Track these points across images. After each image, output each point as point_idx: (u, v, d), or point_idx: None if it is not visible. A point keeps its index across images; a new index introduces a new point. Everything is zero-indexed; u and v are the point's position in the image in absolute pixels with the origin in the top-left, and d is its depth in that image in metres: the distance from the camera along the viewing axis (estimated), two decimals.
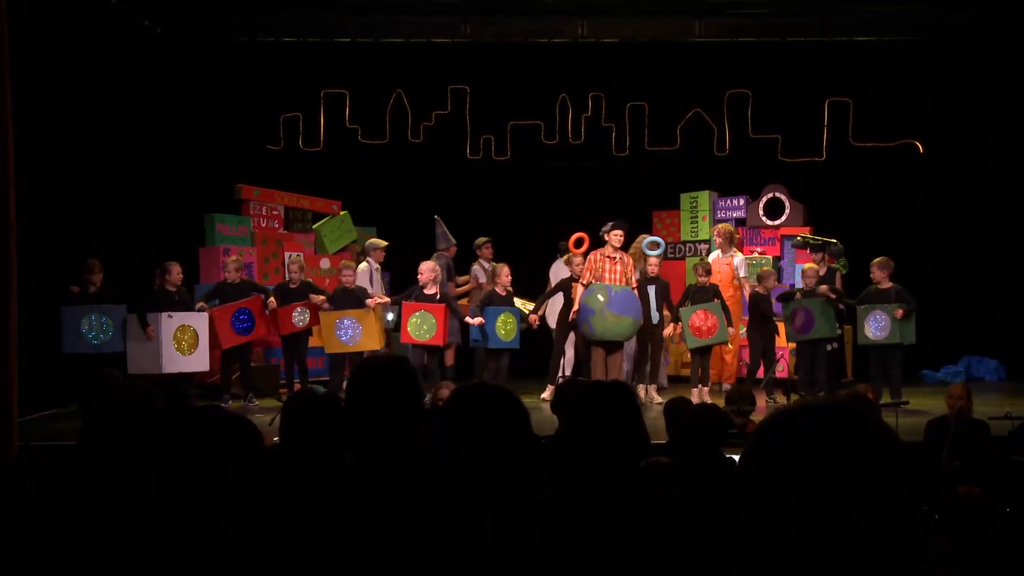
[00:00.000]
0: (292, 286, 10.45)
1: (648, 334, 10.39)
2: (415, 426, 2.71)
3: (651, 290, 10.42)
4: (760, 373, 10.35)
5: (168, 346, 9.68)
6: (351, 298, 10.21)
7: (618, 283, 9.80)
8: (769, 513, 1.32)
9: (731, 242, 11.59)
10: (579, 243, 11.12)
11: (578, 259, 10.44)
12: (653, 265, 10.49)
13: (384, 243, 11.31)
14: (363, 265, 11.23)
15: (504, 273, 10.30)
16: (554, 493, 2.37)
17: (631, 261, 10.08)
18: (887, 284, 9.93)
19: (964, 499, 5.55)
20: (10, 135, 5.73)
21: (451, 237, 11.46)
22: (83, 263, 9.92)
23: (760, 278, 10.66)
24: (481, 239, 11.54)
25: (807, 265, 10.69)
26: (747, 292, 10.94)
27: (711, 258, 11.45)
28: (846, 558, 1.28)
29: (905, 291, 9.89)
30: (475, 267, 11.56)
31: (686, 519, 2.18)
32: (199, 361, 9.96)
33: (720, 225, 11.61)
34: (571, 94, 12.70)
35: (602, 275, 9.83)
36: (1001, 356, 12.25)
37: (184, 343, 9.79)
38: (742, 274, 11.31)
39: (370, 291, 10.54)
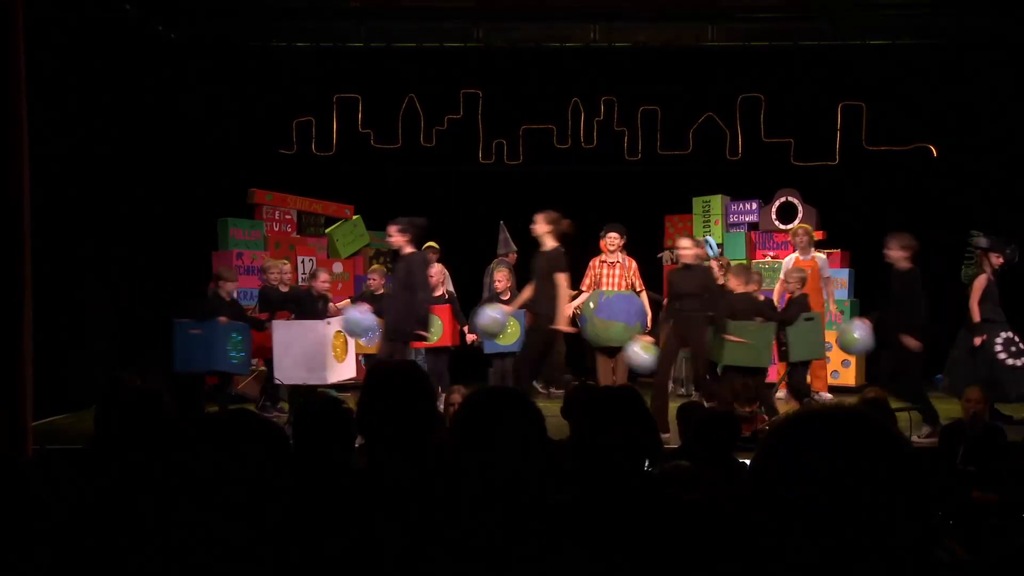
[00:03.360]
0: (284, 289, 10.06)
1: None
2: (428, 430, 2.71)
3: None
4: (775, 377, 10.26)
5: (329, 355, 9.22)
6: (377, 302, 10.21)
7: (616, 288, 9.76)
8: (780, 517, 1.32)
9: (811, 243, 10.96)
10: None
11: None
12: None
13: (432, 244, 11.31)
14: None
15: (501, 277, 10.28)
16: (568, 498, 2.36)
17: (634, 265, 10.01)
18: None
19: (979, 504, 5.52)
20: (25, 138, 5.76)
21: (512, 243, 11.46)
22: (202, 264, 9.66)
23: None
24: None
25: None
26: (830, 293, 10.69)
27: (788, 260, 10.87)
28: (858, 563, 1.28)
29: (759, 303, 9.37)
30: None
31: (697, 523, 2.18)
32: (348, 368, 9.55)
33: (800, 225, 11.08)
34: (583, 98, 12.69)
35: (600, 281, 9.81)
36: None
37: (338, 350, 9.41)
38: (826, 274, 10.82)
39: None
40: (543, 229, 8.55)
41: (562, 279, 8.39)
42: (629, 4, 11.69)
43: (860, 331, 8.90)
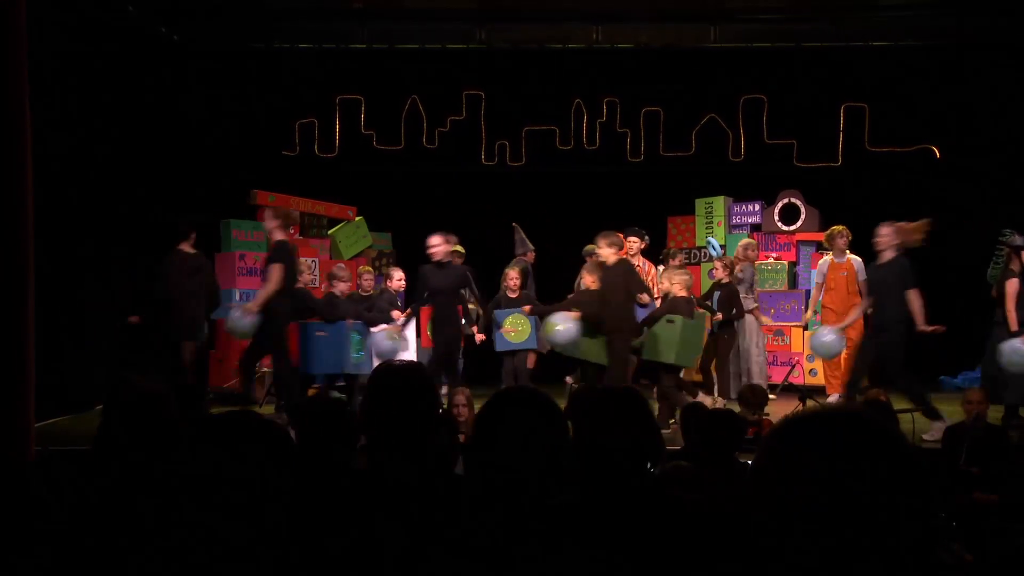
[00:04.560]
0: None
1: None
2: (429, 430, 2.71)
3: (715, 295, 10.27)
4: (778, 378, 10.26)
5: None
6: (367, 303, 10.19)
7: None
8: (782, 519, 1.31)
9: (848, 244, 10.48)
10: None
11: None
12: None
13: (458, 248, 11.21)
14: None
15: (510, 276, 10.24)
16: (569, 498, 2.36)
17: (652, 269, 10.01)
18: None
19: (981, 506, 5.52)
20: (28, 140, 5.75)
21: (529, 243, 11.41)
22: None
23: None
24: (592, 247, 11.38)
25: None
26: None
27: (823, 263, 10.60)
28: (858, 563, 1.28)
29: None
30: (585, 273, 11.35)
31: (699, 524, 2.18)
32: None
33: (835, 227, 10.63)
34: (586, 100, 12.70)
35: None
36: None
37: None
38: (862, 278, 10.11)
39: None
40: (272, 224, 8.72)
41: (276, 271, 8.43)
42: (631, 5, 11.70)
43: (562, 322, 8.71)
